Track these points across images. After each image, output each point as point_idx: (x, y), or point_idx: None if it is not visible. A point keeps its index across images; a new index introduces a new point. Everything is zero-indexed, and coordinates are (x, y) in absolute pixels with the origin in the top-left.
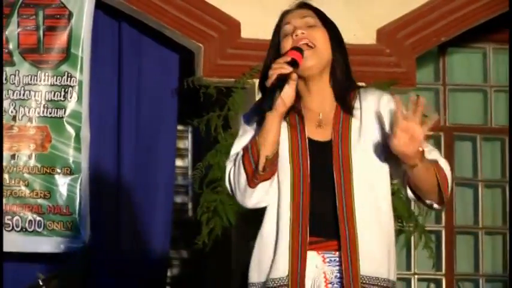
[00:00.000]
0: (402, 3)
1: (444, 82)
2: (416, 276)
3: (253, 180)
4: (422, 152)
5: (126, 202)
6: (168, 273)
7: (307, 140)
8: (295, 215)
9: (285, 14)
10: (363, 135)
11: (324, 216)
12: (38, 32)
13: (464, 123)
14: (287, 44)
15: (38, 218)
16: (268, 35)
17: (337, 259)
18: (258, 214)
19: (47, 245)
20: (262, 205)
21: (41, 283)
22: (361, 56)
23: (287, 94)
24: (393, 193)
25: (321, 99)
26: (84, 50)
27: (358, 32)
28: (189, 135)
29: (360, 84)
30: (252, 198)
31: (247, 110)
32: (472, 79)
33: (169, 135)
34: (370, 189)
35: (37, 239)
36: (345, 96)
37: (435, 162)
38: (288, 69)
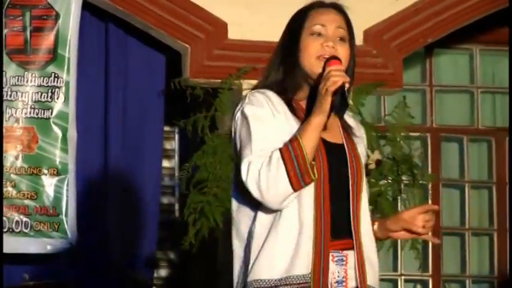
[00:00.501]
0: (389, 4)
1: (431, 83)
2: (403, 277)
3: (299, 184)
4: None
5: (113, 203)
6: (155, 274)
7: (322, 141)
8: (319, 217)
9: (316, 8)
10: (356, 143)
11: (338, 218)
12: (25, 32)
13: (451, 125)
14: (315, 44)
15: (25, 219)
16: (254, 36)
17: (343, 258)
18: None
19: (34, 245)
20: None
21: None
22: None
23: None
24: (380, 194)
25: None
26: (71, 51)
27: None
28: (176, 136)
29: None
30: (287, 201)
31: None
32: (458, 80)
33: (156, 136)
34: (366, 196)
35: (24, 239)
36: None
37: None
38: (347, 78)
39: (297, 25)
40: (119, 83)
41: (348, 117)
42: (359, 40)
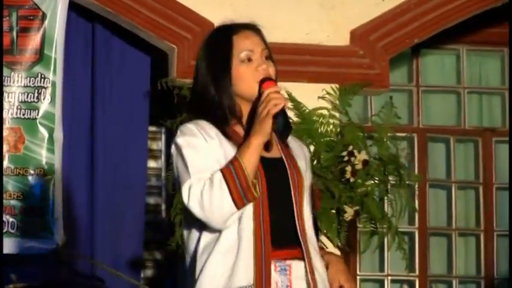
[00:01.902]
0: (375, 5)
1: (417, 83)
2: (389, 278)
3: (242, 201)
4: None
5: (99, 203)
6: (142, 275)
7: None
8: (258, 230)
9: (237, 33)
10: (298, 162)
11: (279, 229)
12: (11, 33)
13: (437, 125)
14: (249, 70)
15: (11, 219)
16: None
17: (287, 268)
18: None
19: (20, 246)
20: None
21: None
22: (334, 58)
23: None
24: (366, 194)
25: None
26: (57, 51)
27: (331, 34)
28: (163, 137)
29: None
30: (230, 220)
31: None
32: (445, 80)
33: (141, 136)
34: (308, 209)
35: (10, 240)
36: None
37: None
38: (286, 101)
39: (223, 54)
40: (105, 84)
41: (290, 139)
42: (345, 40)
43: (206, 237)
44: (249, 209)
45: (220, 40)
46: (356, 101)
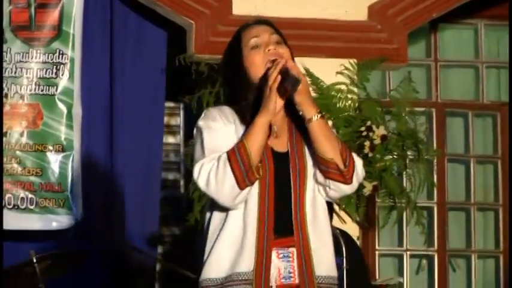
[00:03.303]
0: None
1: (436, 58)
2: (408, 253)
3: (244, 182)
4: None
5: (117, 179)
6: (160, 250)
7: (271, 151)
8: (263, 218)
9: (245, 28)
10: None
11: (282, 218)
12: (29, 9)
13: (455, 99)
14: (257, 56)
15: (30, 196)
16: (259, 11)
17: (290, 255)
18: None
19: (39, 222)
20: (241, 204)
21: (34, 260)
22: (353, 33)
23: (280, 104)
24: (385, 169)
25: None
26: (75, 27)
27: (349, 9)
28: (181, 112)
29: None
30: (238, 199)
31: None
32: (463, 55)
33: (158, 112)
34: (319, 195)
35: (29, 216)
36: (297, 110)
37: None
38: (284, 61)
39: (235, 49)
40: (123, 60)
41: None
42: (363, 15)
43: (215, 219)
44: (254, 198)
45: (231, 41)
46: (374, 76)
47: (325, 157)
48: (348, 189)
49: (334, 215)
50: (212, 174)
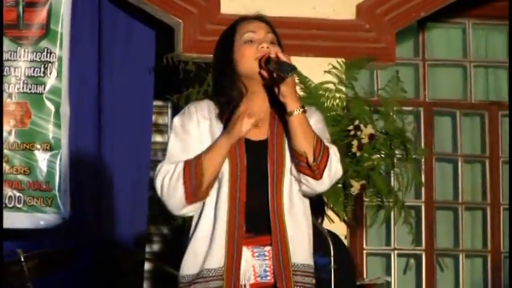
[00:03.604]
0: None
1: (424, 57)
2: (396, 252)
3: (191, 198)
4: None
5: (105, 177)
6: (148, 249)
7: (243, 140)
8: (232, 212)
9: (242, 21)
10: None
11: (257, 213)
12: (17, 8)
13: (443, 99)
14: (248, 50)
15: (18, 194)
16: (248, 10)
17: (266, 253)
18: None
19: (27, 221)
20: (190, 215)
21: (22, 259)
22: (341, 32)
23: (247, 128)
24: (373, 168)
25: (260, 102)
26: (63, 26)
27: (337, 8)
28: (169, 111)
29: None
30: (184, 211)
31: None
32: (451, 54)
33: (146, 111)
34: (296, 183)
35: (17, 214)
36: (282, 103)
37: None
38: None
39: (228, 40)
40: (111, 58)
41: None
42: (352, 14)
43: (195, 215)
44: (225, 191)
45: (226, 31)
46: (362, 75)
47: (298, 150)
48: (318, 185)
49: None
50: (166, 180)
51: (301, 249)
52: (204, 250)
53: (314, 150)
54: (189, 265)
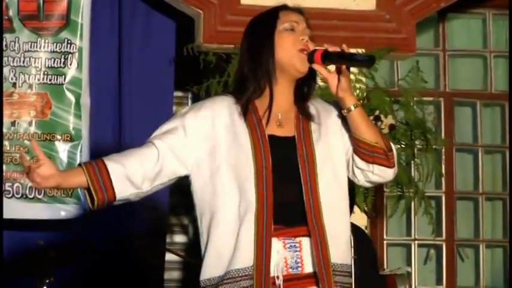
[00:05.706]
0: None
1: (444, 48)
2: (416, 242)
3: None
4: (361, 104)
5: None
6: (168, 239)
7: (267, 137)
8: (260, 206)
9: (285, 9)
10: (323, 134)
11: (285, 206)
12: None
13: (464, 89)
14: (290, 38)
15: None
16: (267, 1)
17: (297, 245)
18: None
19: (48, 211)
20: (236, 197)
21: (43, 250)
22: (361, 22)
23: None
24: None
25: (284, 101)
26: (84, 17)
27: None
28: (189, 102)
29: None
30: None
31: None
32: (471, 45)
33: (167, 102)
34: (334, 181)
35: (37, 205)
36: (306, 102)
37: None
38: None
39: (270, 23)
40: (132, 49)
41: (311, 106)
42: (372, 5)
43: (205, 215)
44: (251, 190)
45: (266, 15)
46: (382, 66)
47: (369, 142)
48: (392, 173)
49: None
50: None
51: (340, 249)
52: (230, 249)
53: (383, 139)
54: (213, 268)
